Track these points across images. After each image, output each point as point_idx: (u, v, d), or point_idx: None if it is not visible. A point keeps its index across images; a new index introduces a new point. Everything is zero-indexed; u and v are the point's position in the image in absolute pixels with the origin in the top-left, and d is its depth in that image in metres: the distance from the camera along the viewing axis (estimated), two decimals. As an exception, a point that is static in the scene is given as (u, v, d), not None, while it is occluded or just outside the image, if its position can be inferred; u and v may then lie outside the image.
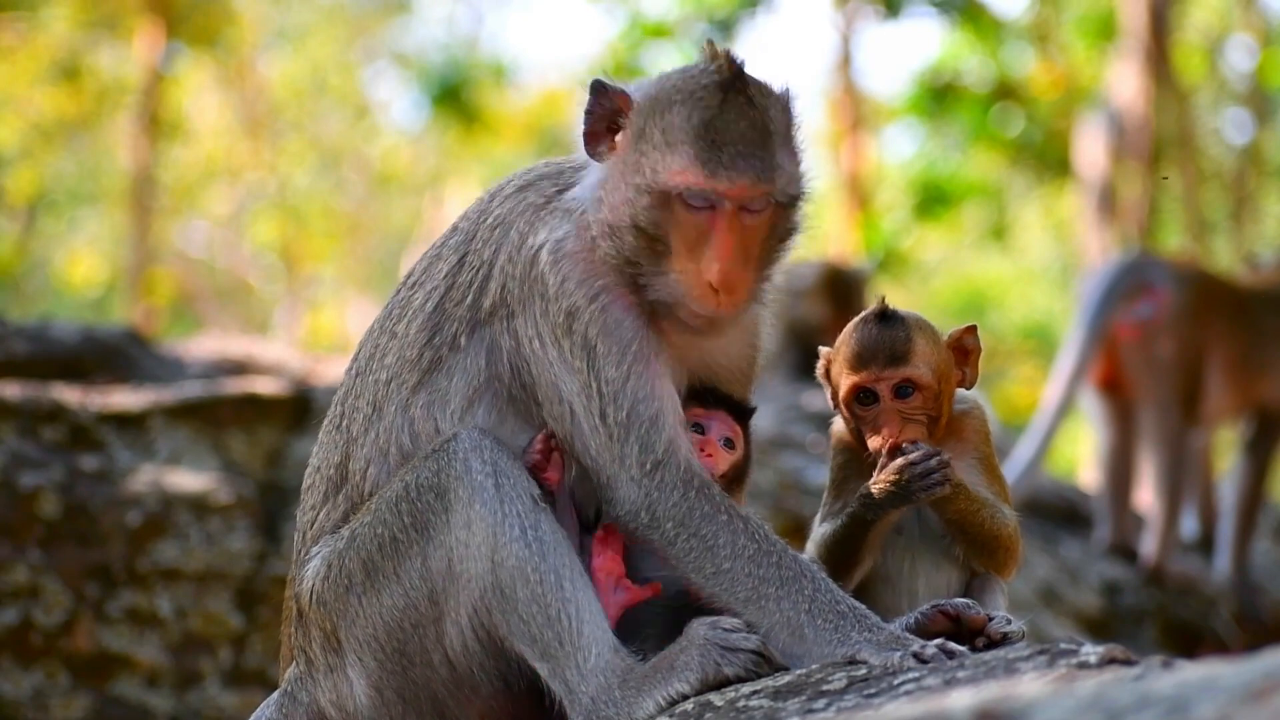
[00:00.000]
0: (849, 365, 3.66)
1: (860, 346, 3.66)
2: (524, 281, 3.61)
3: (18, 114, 24.79)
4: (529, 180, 3.76)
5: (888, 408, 3.64)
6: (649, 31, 22.46)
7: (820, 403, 9.74)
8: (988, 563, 3.70)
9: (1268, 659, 2.33)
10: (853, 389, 3.65)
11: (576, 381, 3.54)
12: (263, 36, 28.74)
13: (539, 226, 3.64)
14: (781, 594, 3.43)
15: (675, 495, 3.49)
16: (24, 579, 6.91)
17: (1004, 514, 3.68)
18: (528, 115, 30.14)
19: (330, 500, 3.74)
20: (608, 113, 3.61)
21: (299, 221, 28.99)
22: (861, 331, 3.68)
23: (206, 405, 7.61)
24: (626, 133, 3.59)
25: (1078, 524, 10.00)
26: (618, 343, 3.55)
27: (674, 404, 3.57)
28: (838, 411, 3.78)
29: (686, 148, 3.50)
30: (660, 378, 3.57)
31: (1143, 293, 9.27)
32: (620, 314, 3.57)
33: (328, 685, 3.66)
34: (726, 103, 3.53)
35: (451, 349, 3.66)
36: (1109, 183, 17.92)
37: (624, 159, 3.58)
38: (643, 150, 3.55)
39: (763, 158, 3.52)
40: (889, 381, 3.63)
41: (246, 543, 7.23)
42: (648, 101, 3.58)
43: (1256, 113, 24.18)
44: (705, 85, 3.56)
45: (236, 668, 7.09)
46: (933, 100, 22.40)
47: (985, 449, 3.76)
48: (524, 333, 3.60)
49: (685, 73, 3.62)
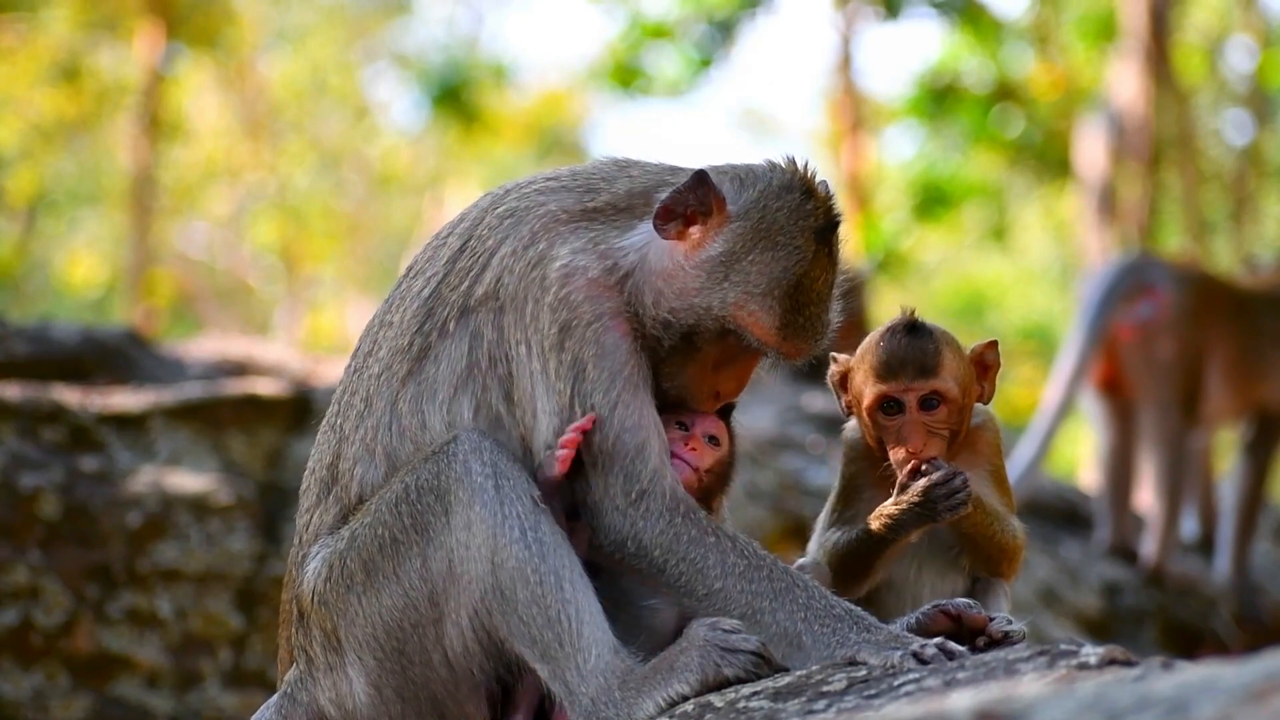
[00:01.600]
0: (876, 375, 3.65)
1: (889, 356, 3.65)
2: (523, 279, 3.61)
3: (18, 115, 24.79)
4: (553, 185, 3.74)
5: (913, 420, 3.63)
6: (649, 32, 22.45)
7: (820, 404, 9.73)
8: (991, 569, 3.72)
9: (1268, 660, 2.33)
10: (878, 399, 3.64)
11: (554, 402, 3.56)
12: (263, 37, 28.74)
13: (558, 241, 3.63)
14: (776, 606, 3.45)
15: (661, 523, 3.52)
16: (24, 580, 6.91)
17: (1013, 526, 3.70)
18: (528, 116, 30.15)
19: (323, 502, 3.74)
20: (698, 204, 3.63)
21: (299, 222, 28.99)
22: (890, 342, 3.67)
23: (207, 406, 7.61)
24: (710, 235, 3.62)
25: (1078, 525, 10.00)
26: (609, 368, 3.57)
27: (659, 432, 3.60)
28: (851, 419, 3.77)
29: (776, 305, 3.61)
30: (648, 405, 3.59)
31: (1143, 293, 9.28)
32: (616, 339, 3.59)
33: (327, 684, 3.67)
34: (816, 257, 3.64)
35: (440, 334, 3.67)
36: (1109, 183, 17.92)
37: (706, 263, 3.62)
38: (732, 277, 3.61)
39: (824, 321, 3.69)
40: (916, 393, 3.63)
41: (246, 544, 7.23)
42: (748, 227, 3.64)
43: (1256, 114, 24.17)
44: (804, 230, 3.64)
45: (236, 668, 7.09)
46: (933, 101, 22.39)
47: (997, 461, 3.77)
48: (509, 331, 3.61)
49: (783, 200, 3.66)
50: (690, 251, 3.63)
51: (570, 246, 3.63)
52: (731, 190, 3.66)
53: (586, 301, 3.58)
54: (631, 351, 3.59)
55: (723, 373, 3.68)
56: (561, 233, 3.64)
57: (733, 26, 21.98)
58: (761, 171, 3.70)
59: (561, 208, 3.68)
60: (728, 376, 3.68)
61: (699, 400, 3.68)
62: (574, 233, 3.64)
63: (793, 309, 3.61)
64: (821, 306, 3.66)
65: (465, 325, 3.65)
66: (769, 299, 3.60)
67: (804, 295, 3.62)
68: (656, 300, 3.61)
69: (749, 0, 21.75)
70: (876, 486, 3.69)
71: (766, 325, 3.61)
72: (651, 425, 3.57)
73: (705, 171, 3.63)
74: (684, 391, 3.67)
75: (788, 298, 3.61)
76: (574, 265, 3.60)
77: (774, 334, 3.62)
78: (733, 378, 3.69)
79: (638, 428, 3.55)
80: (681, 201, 3.62)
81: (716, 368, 3.68)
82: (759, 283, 3.60)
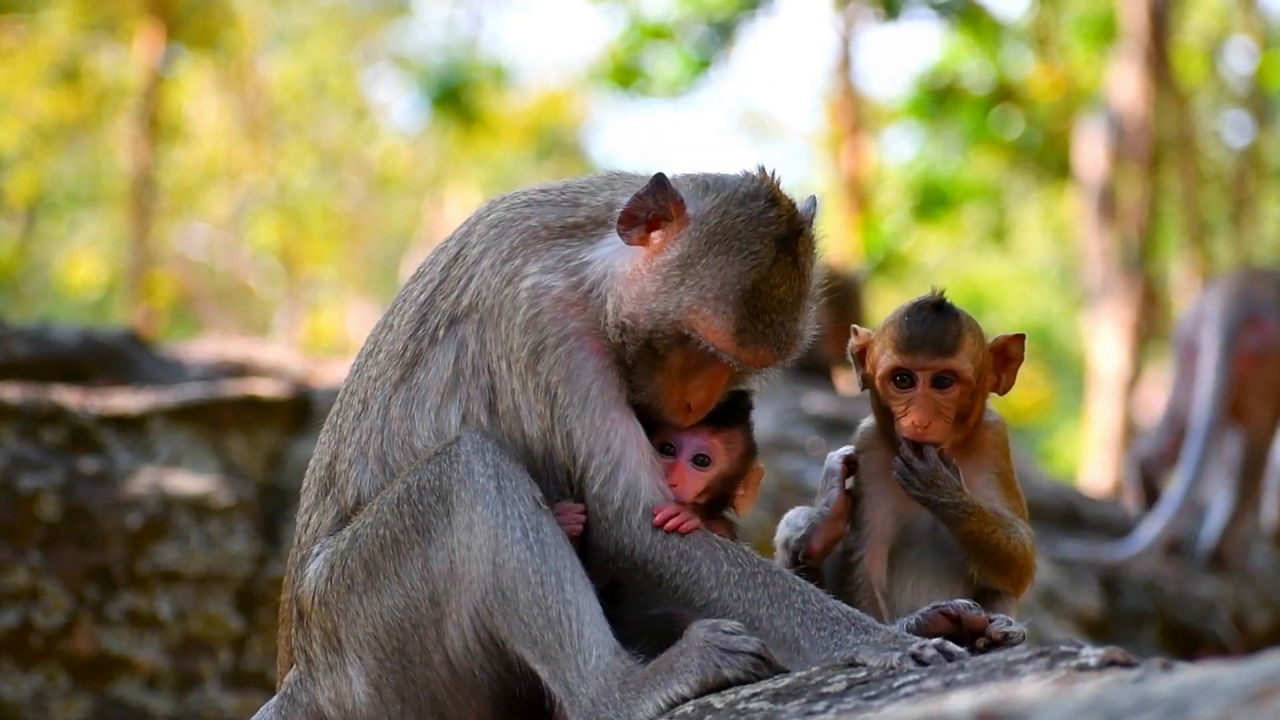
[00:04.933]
0: (894, 346, 3.66)
1: (910, 330, 3.66)
2: (498, 295, 3.64)
3: (18, 116, 24.79)
4: (540, 199, 3.76)
5: (924, 394, 3.64)
6: (648, 33, 22.45)
7: (820, 405, 9.74)
8: (1002, 581, 3.70)
9: (1267, 661, 2.33)
10: (893, 369, 3.65)
11: (538, 425, 3.59)
12: (262, 38, 28.73)
13: (533, 258, 3.65)
14: (774, 611, 3.46)
15: (646, 539, 3.54)
16: (24, 581, 6.91)
17: (1019, 532, 3.67)
18: (527, 117, 30.15)
19: (321, 503, 3.77)
20: (657, 208, 3.61)
21: (299, 223, 28.99)
22: (914, 316, 3.69)
23: (206, 407, 7.60)
24: (670, 239, 3.60)
25: (1077, 526, 10.00)
26: (578, 391, 3.57)
27: (636, 445, 3.59)
28: (864, 389, 3.77)
29: (730, 310, 3.55)
30: (621, 422, 3.58)
31: (1252, 325, 9.53)
32: (583, 358, 3.59)
33: (327, 684, 3.67)
34: (777, 264, 3.58)
35: (431, 342, 3.70)
36: (1109, 185, 17.91)
37: (662, 267, 3.59)
38: (687, 281, 3.57)
39: (789, 330, 3.61)
40: (931, 370, 3.64)
41: (246, 545, 7.22)
42: (705, 231, 3.59)
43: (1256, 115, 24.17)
44: (763, 236, 3.58)
45: (236, 670, 7.09)
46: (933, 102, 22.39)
47: (1004, 464, 3.76)
48: (490, 346, 3.64)
49: (744, 207, 3.61)
50: (650, 256, 3.61)
51: (542, 264, 3.64)
52: (693, 194, 3.63)
53: (552, 323, 3.59)
54: (599, 370, 3.59)
55: (691, 382, 3.63)
56: (538, 249, 3.66)
57: (732, 27, 21.98)
58: (730, 179, 3.68)
59: (543, 223, 3.70)
60: (696, 386, 3.63)
61: (672, 412, 3.63)
62: (549, 250, 3.65)
63: (749, 315, 3.55)
64: (785, 315, 3.59)
65: (453, 334, 3.68)
66: (722, 303, 3.55)
67: (762, 301, 3.56)
68: (617, 306, 3.59)
69: (748, 1, 21.75)
70: (887, 480, 3.70)
71: (721, 330, 3.55)
72: (627, 442, 3.58)
73: (663, 175, 3.62)
74: (655, 401, 3.63)
75: (743, 303, 3.55)
76: (541, 285, 3.61)
77: (730, 340, 3.56)
78: (701, 388, 3.63)
79: (609, 448, 3.56)
80: (641, 206, 3.61)
81: (684, 377, 3.63)
82: (712, 286, 3.56)
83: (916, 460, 3.61)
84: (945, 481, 3.59)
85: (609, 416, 3.58)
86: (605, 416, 3.58)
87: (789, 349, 3.63)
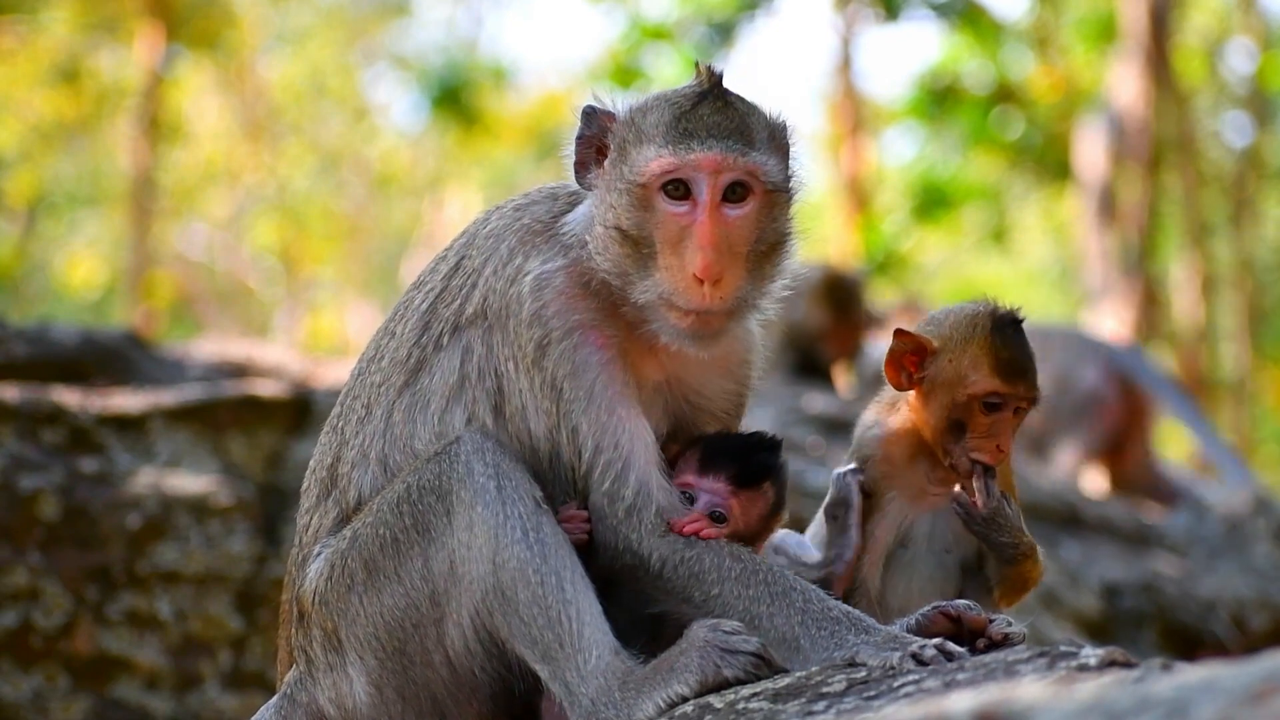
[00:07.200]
0: (996, 372, 3.60)
1: (1013, 357, 3.62)
2: (503, 296, 3.65)
3: (17, 116, 24.80)
4: (527, 202, 3.80)
5: (1008, 420, 3.63)
6: (649, 34, 22.47)
7: (820, 405, 9.73)
8: (1012, 598, 3.75)
9: (1267, 661, 2.33)
10: (990, 393, 3.61)
11: (544, 423, 3.58)
12: (262, 39, 28.75)
13: (532, 254, 3.66)
14: (774, 610, 3.46)
15: (653, 536, 3.53)
16: (24, 581, 6.90)
17: (1042, 558, 3.73)
18: (527, 118, 30.14)
19: (322, 504, 3.78)
20: (596, 135, 3.63)
21: (298, 224, 29.00)
22: (1009, 339, 3.63)
23: (206, 408, 7.60)
24: (611, 150, 3.61)
25: (1077, 527, 10.00)
26: (584, 385, 3.57)
27: (644, 443, 3.58)
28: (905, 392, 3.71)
29: (659, 138, 3.53)
30: (627, 420, 3.58)
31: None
32: (590, 352, 3.59)
33: (327, 683, 3.67)
34: (701, 102, 3.57)
35: (435, 348, 3.71)
36: (1109, 185, 17.92)
37: (608, 172, 3.61)
38: (623, 156, 3.58)
39: (737, 139, 3.53)
40: (1028, 400, 3.63)
41: (246, 545, 7.22)
42: (628, 114, 3.61)
43: (1256, 116, 24.19)
44: (683, 92, 3.61)
45: (236, 670, 7.08)
46: (933, 103, 22.42)
47: (1010, 479, 3.77)
48: (498, 349, 3.65)
49: (668, 88, 3.66)
50: (605, 173, 3.63)
51: (542, 257, 3.65)
52: (624, 106, 3.65)
53: (556, 316, 3.59)
54: (605, 364, 3.59)
55: (686, 249, 3.51)
56: (536, 244, 3.67)
57: (732, 28, 22.00)
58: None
59: (534, 219, 3.72)
60: (692, 249, 3.49)
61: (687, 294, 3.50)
62: (547, 242, 3.67)
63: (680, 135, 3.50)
64: (722, 130, 3.52)
65: (458, 340, 3.69)
66: (655, 139, 3.52)
67: (691, 124, 3.51)
68: (599, 230, 3.57)
69: (748, 2, 21.77)
70: (901, 491, 3.70)
71: (660, 158, 3.50)
72: (635, 439, 3.57)
73: (590, 104, 3.64)
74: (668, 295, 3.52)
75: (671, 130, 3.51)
76: (543, 276, 3.62)
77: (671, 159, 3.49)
78: (697, 248, 3.48)
79: (616, 444, 3.56)
80: (583, 145, 3.64)
81: (677, 248, 3.51)
82: (642, 137, 3.54)
83: (983, 494, 3.58)
84: (1006, 520, 3.60)
85: (615, 413, 3.58)
86: (611, 413, 3.57)
87: (744, 153, 3.51)
